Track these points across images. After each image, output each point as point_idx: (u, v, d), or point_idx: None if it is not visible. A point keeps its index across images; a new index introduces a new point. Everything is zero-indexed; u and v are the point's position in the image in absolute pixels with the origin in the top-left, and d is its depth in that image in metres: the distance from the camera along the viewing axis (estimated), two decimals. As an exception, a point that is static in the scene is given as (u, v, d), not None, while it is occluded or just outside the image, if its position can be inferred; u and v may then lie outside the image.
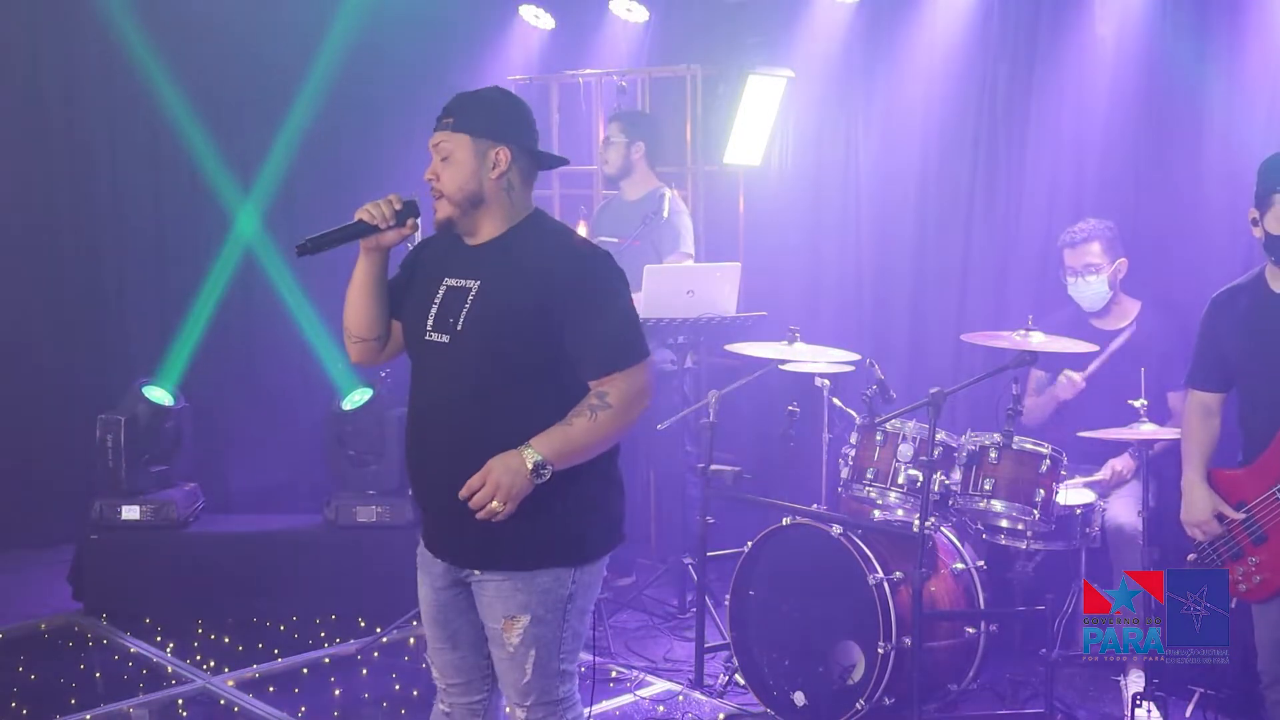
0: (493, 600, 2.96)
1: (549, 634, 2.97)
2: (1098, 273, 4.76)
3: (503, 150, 2.93)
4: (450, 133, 2.93)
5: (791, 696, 4.34)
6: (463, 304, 2.90)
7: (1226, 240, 4.81)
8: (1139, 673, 4.34)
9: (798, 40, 6.04)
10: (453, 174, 2.92)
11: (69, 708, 4.50)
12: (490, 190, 2.93)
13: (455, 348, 2.89)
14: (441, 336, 2.92)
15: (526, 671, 2.97)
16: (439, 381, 2.95)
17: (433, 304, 2.95)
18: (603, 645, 5.05)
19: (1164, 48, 4.93)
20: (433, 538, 3.06)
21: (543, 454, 2.79)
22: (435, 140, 2.96)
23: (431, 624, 3.11)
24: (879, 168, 5.87)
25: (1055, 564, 4.56)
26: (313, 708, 4.55)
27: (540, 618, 2.95)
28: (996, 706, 4.49)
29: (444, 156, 2.93)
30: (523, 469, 2.78)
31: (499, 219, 2.96)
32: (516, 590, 2.93)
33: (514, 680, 3.00)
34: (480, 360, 2.87)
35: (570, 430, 2.83)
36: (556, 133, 6.86)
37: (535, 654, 2.96)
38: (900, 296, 5.81)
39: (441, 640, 3.10)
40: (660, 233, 5.45)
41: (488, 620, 3.00)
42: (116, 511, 5.40)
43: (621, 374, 2.87)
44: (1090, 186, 5.14)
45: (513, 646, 2.96)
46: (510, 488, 2.78)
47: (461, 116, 2.95)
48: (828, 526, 4.35)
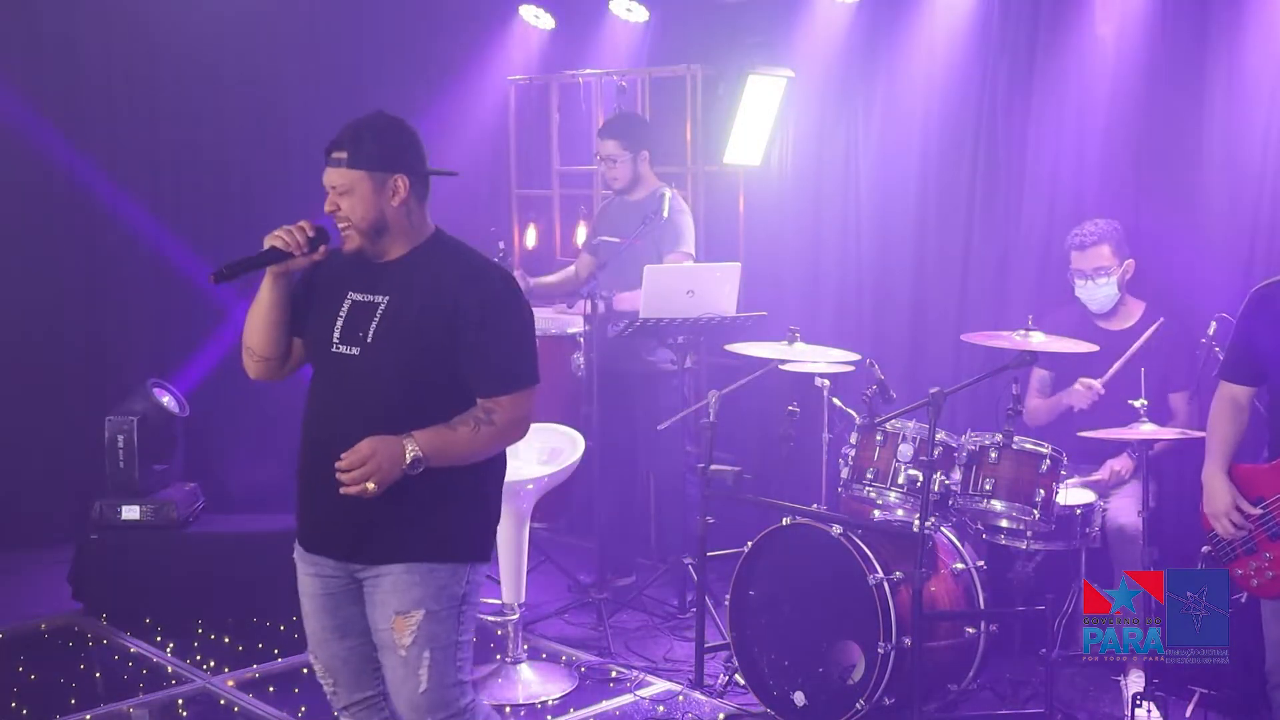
0: (387, 595, 2.98)
1: (444, 632, 2.98)
2: (1108, 275, 4.74)
3: (400, 178, 3.00)
4: (345, 169, 2.98)
5: (791, 696, 4.34)
6: (371, 318, 2.98)
7: (1227, 240, 4.80)
8: (1139, 673, 4.34)
9: (798, 40, 6.04)
10: (354, 206, 2.98)
11: (69, 708, 4.50)
12: (392, 216, 3.01)
13: (365, 360, 2.97)
14: (350, 349, 2.99)
15: (422, 680, 2.97)
16: (345, 391, 3.01)
17: (338, 317, 3.02)
18: (603, 645, 5.06)
19: (1164, 48, 4.93)
20: (325, 537, 3.06)
21: (422, 449, 2.88)
22: (330, 180, 2.99)
23: (320, 613, 3.09)
24: (879, 168, 5.87)
25: (1055, 564, 4.56)
26: (313, 708, 4.55)
27: (435, 613, 2.97)
28: (996, 706, 4.49)
29: (343, 190, 2.98)
30: (401, 458, 2.87)
31: (402, 241, 3.03)
32: (413, 584, 2.96)
33: (409, 693, 2.99)
34: (389, 371, 2.96)
35: (453, 434, 2.93)
36: (556, 133, 6.87)
37: (430, 656, 2.97)
38: (900, 296, 5.81)
39: (329, 630, 3.09)
40: (661, 232, 5.45)
41: (378, 624, 3.02)
42: (116, 511, 5.39)
43: (509, 397, 2.99)
44: (1091, 186, 5.14)
45: (404, 648, 2.97)
46: (388, 473, 2.86)
47: (355, 152, 2.98)
48: (828, 526, 4.35)
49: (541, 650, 5.04)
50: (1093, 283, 4.76)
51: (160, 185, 6.54)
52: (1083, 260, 4.76)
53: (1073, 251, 4.79)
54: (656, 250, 5.44)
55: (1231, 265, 4.80)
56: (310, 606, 3.13)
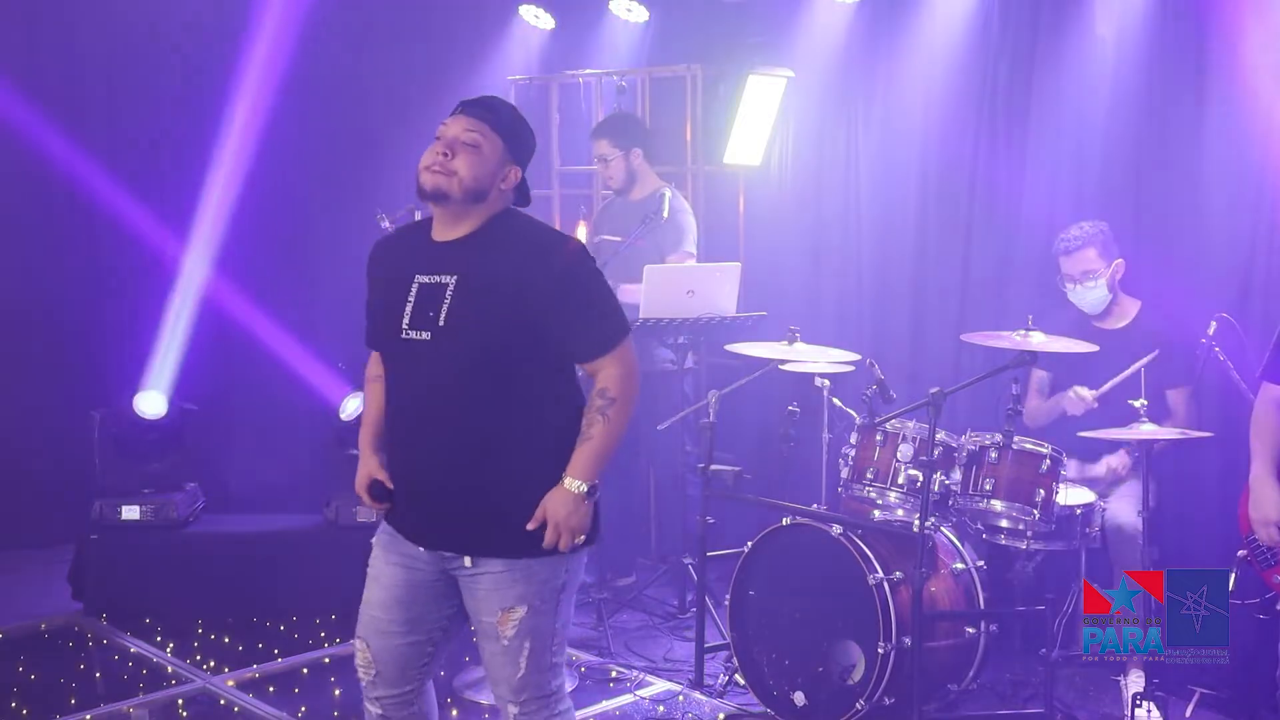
0: (488, 593, 2.97)
1: (544, 625, 2.99)
2: (1096, 278, 4.74)
3: (516, 170, 3.03)
4: (489, 128, 2.98)
5: (791, 696, 4.34)
6: (441, 299, 2.94)
7: (1227, 240, 4.80)
8: (1139, 673, 4.34)
9: (798, 40, 6.04)
10: (475, 163, 2.95)
11: (69, 708, 4.50)
12: (493, 195, 2.99)
13: (438, 343, 2.93)
14: (421, 334, 2.95)
15: (521, 666, 2.98)
16: (422, 376, 2.97)
17: (407, 302, 2.98)
18: (603, 645, 5.06)
19: (1164, 48, 4.93)
20: (420, 529, 3.04)
21: (584, 479, 2.94)
22: (467, 125, 2.97)
23: (394, 604, 3.04)
24: (879, 168, 5.87)
25: (1055, 564, 4.56)
26: (313, 708, 4.55)
27: (537, 609, 2.97)
28: (996, 706, 4.49)
29: (471, 144, 2.96)
30: (580, 501, 2.93)
31: (479, 219, 3.00)
32: (515, 581, 2.95)
33: (507, 676, 3.01)
34: (465, 353, 2.92)
35: (594, 443, 2.96)
36: (556, 133, 6.87)
37: (530, 646, 2.98)
38: (900, 296, 5.81)
39: (397, 623, 3.05)
40: (662, 232, 5.45)
41: (480, 614, 3.00)
42: (116, 511, 5.40)
43: (611, 355, 3.00)
44: (1090, 186, 5.14)
45: (507, 640, 2.97)
46: (578, 524, 2.93)
47: (500, 122, 3.00)
48: (828, 526, 4.35)
49: (541, 650, 5.03)
50: (1081, 287, 4.76)
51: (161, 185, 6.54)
52: (1070, 265, 4.76)
53: (1060, 257, 4.79)
54: (658, 250, 5.44)
55: (1231, 265, 4.80)
56: (385, 596, 3.05)
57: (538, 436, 2.98)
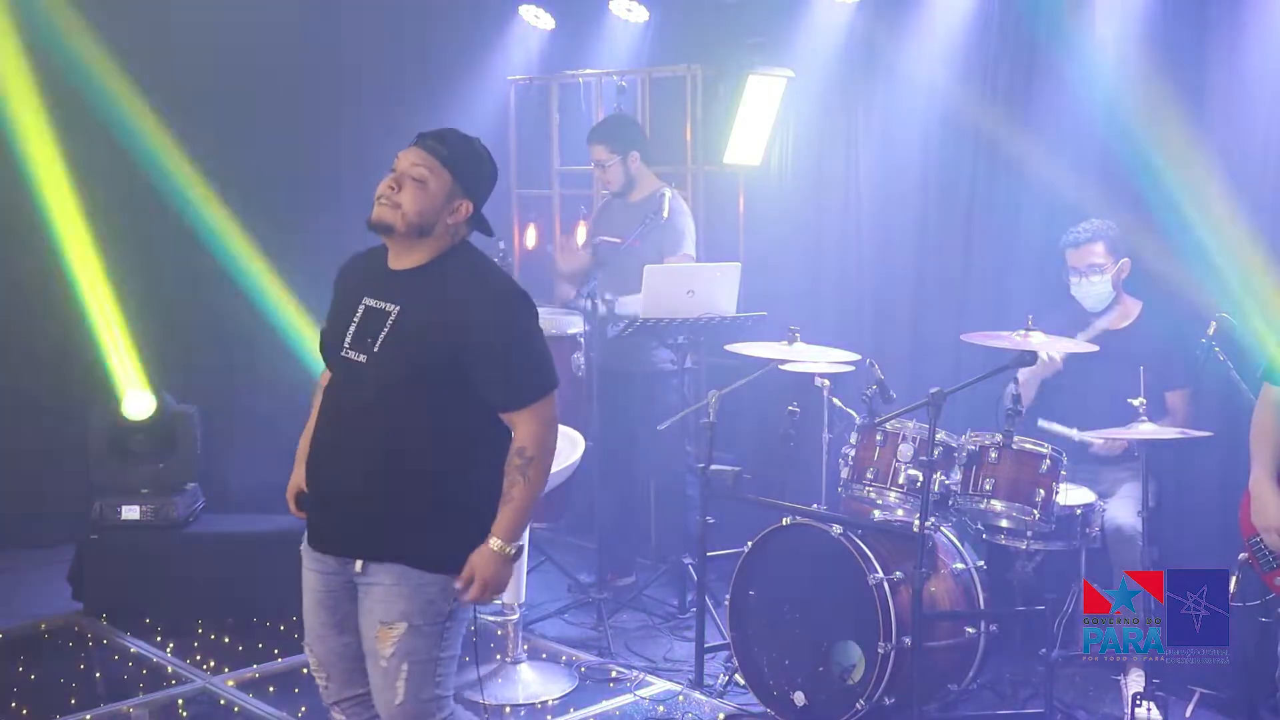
0: (373, 606, 3.02)
1: (424, 647, 3.01)
2: (1101, 273, 4.75)
3: (467, 204, 3.05)
4: (436, 162, 3.00)
5: (791, 696, 4.34)
6: (381, 326, 2.99)
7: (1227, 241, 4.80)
8: (1139, 673, 4.34)
9: (798, 40, 6.04)
10: (419, 198, 2.98)
11: (69, 708, 4.50)
12: (440, 229, 3.03)
13: (370, 368, 2.99)
14: (358, 355, 3.01)
15: (399, 691, 3.00)
16: (351, 396, 3.04)
17: (352, 322, 3.04)
18: (603, 645, 5.06)
19: (1164, 48, 4.92)
20: (323, 534, 3.10)
21: (508, 540, 3.00)
22: (416, 159, 3.01)
23: (318, 608, 3.13)
24: (879, 168, 5.87)
25: (1055, 564, 4.56)
26: (313, 708, 4.54)
27: (418, 628, 3.00)
28: (996, 706, 4.49)
29: (418, 178, 2.99)
30: (505, 561, 3.00)
31: (430, 251, 3.04)
32: (399, 596, 2.99)
33: (386, 703, 3.05)
34: (392, 381, 2.97)
35: (516, 504, 3.01)
36: (556, 133, 6.87)
37: (408, 670, 2.99)
38: (900, 296, 5.80)
39: (328, 625, 3.13)
40: (661, 233, 5.45)
41: (365, 629, 3.05)
42: (116, 511, 5.39)
43: (529, 410, 3.02)
44: (1090, 186, 5.13)
45: (385, 659, 3.00)
46: (500, 582, 3.01)
47: (454, 155, 3.02)
48: (828, 526, 4.35)
49: (541, 650, 5.04)
50: (1086, 280, 4.77)
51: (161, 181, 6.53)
52: (1077, 257, 4.78)
53: (1067, 249, 4.81)
54: (658, 252, 5.44)
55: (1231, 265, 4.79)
56: (310, 601, 3.16)
57: (452, 463, 3.02)
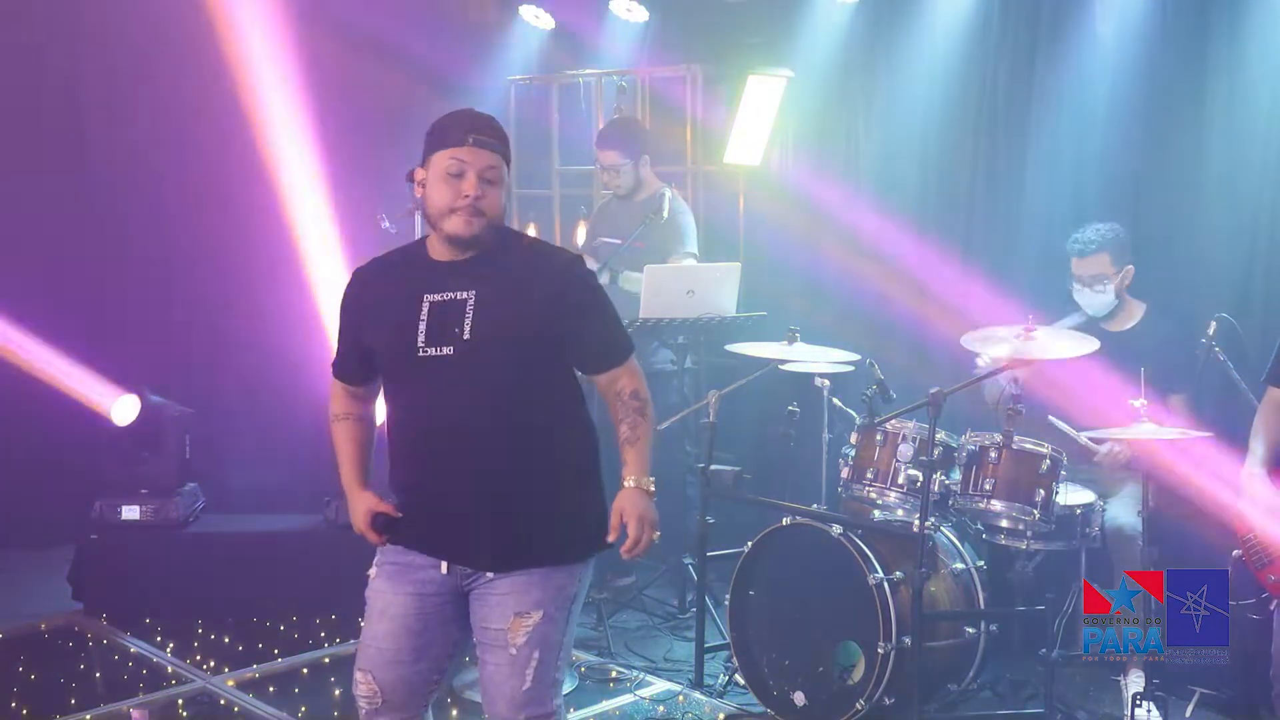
0: (503, 598, 2.95)
1: (554, 636, 2.98)
2: (1106, 283, 4.73)
3: (509, 180, 3.05)
4: (500, 160, 2.97)
5: (791, 696, 4.34)
6: (463, 314, 2.92)
7: (1227, 241, 4.80)
8: (1139, 673, 4.34)
9: (798, 40, 6.04)
10: (497, 197, 2.95)
11: (69, 708, 4.50)
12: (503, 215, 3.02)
13: (463, 357, 2.91)
14: (442, 349, 2.92)
15: (527, 678, 2.94)
16: (445, 392, 2.94)
17: (419, 321, 2.94)
18: (603, 645, 5.06)
19: (1164, 48, 4.93)
20: (448, 548, 3.00)
21: (646, 474, 2.98)
22: (490, 161, 2.94)
23: (403, 634, 3.00)
24: (879, 168, 5.87)
25: (1055, 564, 4.56)
26: (313, 708, 4.55)
27: (551, 616, 2.96)
28: (996, 706, 4.49)
29: (492, 180, 2.94)
30: (645, 498, 2.96)
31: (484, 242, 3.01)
32: (532, 586, 2.95)
33: (511, 690, 2.95)
34: (494, 364, 2.92)
35: (644, 442, 3.01)
36: (556, 133, 6.87)
37: (539, 656, 2.95)
38: (900, 296, 5.80)
39: (409, 651, 3.01)
40: (663, 233, 5.45)
41: (490, 622, 2.96)
42: (116, 511, 5.40)
43: (624, 366, 3.05)
44: (1091, 187, 5.14)
45: (516, 648, 2.94)
46: (652, 517, 2.95)
47: (503, 146, 2.99)
48: (828, 526, 4.35)
49: (541, 650, 5.03)
50: (1090, 290, 4.75)
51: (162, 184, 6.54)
52: (1082, 267, 4.75)
53: (1073, 258, 4.78)
54: (660, 252, 5.44)
55: (1231, 265, 4.80)
56: (393, 627, 3.00)
57: (562, 447, 3.00)
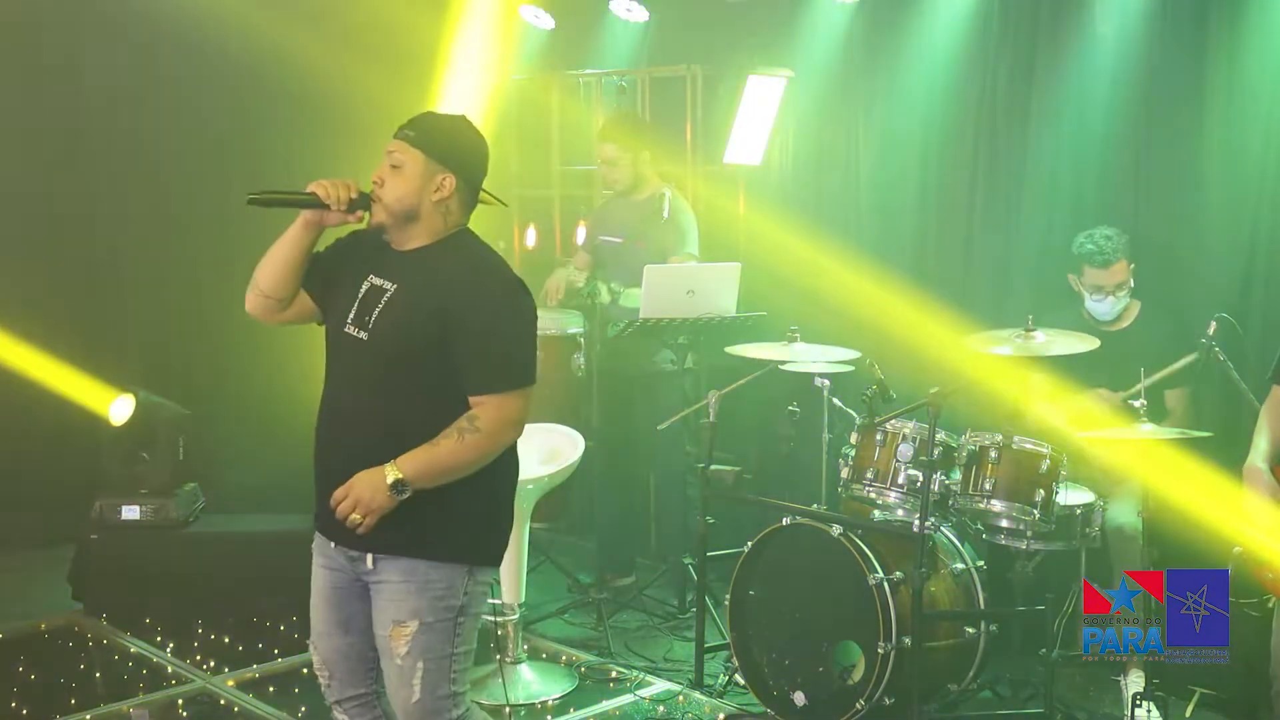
0: (385, 605, 3.01)
1: (438, 644, 3.00)
2: (1126, 288, 4.73)
3: (449, 177, 3.02)
4: (406, 145, 3.01)
5: (791, 696, 4.34)
6: (377, 304, 3.00)
7: (1226, 240, 4.80)
8: (1139, 673, 4.33)
9: (798, 40, 6.04)
10: (396, 184, 3.00)
11: (69, 708, 4.49)
12: (426, 209, 3.02)
13: (369, 345, 3.00)
14: (359, 332, 3.02)
15: (415, 690, 3.00)
16: (351, 373, 3.05)
17: (356, 299, 3.04)
18: (603, 645, 5.06)
19: (1164, 48, 4.93)
20: (330, 523, 3.06)
21: (404, 473, 2.91)
22: (390, 148, 3.03)
23: (325, 606, 3.12)
24: (879, 167, 5.87)
25: (1055, 564, 4.56)
26: (313, 708, 4.54)
27: (429, 625, 2.99)
28: (996, 706, 4.49)
29: (394, 165, 3.01)
30: (382, 485, 2.91)
31: (427, 234, 3.05)
32: (409, 594, 2.98)
33: (403, 700, 3.03)
34: (388, 359, 2.98)
35: (436, 451, 2.93)
36: (557, 133, 6.87)
37: (424, 667, 2.99)
38: (900, 296, 5.79)
39: (333, 623, 3.12)
40: (663, 233, 5.44)
41: (378, 628, 3.04)
42: (116, 511, 5.39)
43: (497, 398, 2.96)
44: (1091, 186, 5.14)
45: (400, 657, 2.99)
46: (370, 502, 2.91)
47: (423, 133, 3.02)
48: (828, 526, 4.35)
49: (541, 650, 5.04)
50: (1114, 297, 4.73)
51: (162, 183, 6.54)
52: (1105, 277, 4.71)
53: (1089, 267, 4.74)
54: (660, 252, 5.43)
55: (1231, 265, 4.79)
56: (317, 599, 3.16)
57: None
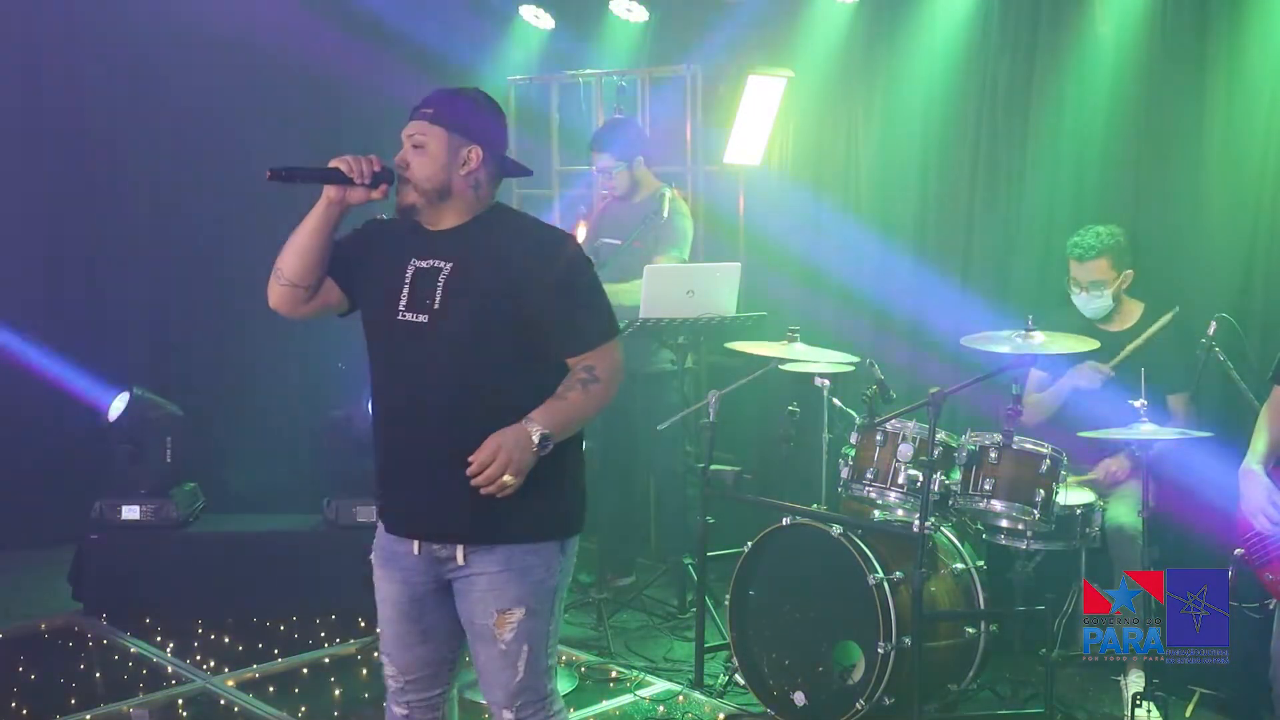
0: (484, 594, 2.96)
1: (540, 627, 2.99)
2: (1103, 288, 4.72)
3: (475, 149, 2.98)
4: (427, 124, 2.97)
5: (791, 696, 4.34)
6: (435, 284, 2.93)
7: (1227, 241, 4.80)
8: (1139, 673, 4.33)
9: (798, 40, 6.04)
10: (424, 164, 2.95)
11: (69, 708, 4.50)
12: (458, 184, 2.97)
13: (432, 327, 2.93)
14: (418, 316, 2.94)
15: (519, 670, 2.98)
16: (414, 360, 2.96)
17: (403, 284, 2.97)
18: (603, 645, 5.06)
19: (1164, 48, 4.92)
20: (413, 520, 3.01)
21: (546, 427, 2.86)
22: (410, 130, 2.99)
23: (402, 619, 3.05)
24: (879, 168, 5.87)
25: (1055, 564, 4.56)
26: (313, 708, 4.55)
27: (534, 610, 2.97)
28: (996, 706, 4.49)
29: (417, 145, 2.97)
30: (529, 442, 2.84)
31: (462, 211, 3.00)
32: (510, 582, 2.94)
33: (504, 681, 2.99)
34: (460, 336, 2.91)
35: (567, 403, 2.90)
36: (556, 133, 6.87)
37: (529, 649, 2.97)
38: (900, 296, 5.80)
39: (414, 635, 3.06)
40: (657, 233, 5.44)
41: (475, 617, 2.98)
42: (116, 511, 5.40)
43: (599, 350, 2.95)
44: (1091, 187, 5.14)
45: (505, 643, 2.96)
46: (520, 461, 2.83)
47: (441, 110, 2.98)
48: (828, 526, 4.35)
49: (541, 650, 5.03)
50: (1087, 294, 4.75)
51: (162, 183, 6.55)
52: (1081, 271, 4.73)
53: (1070, 260, 4.76)
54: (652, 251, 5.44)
55: (1231, 265, 4.79)
56: (392, 613, 3.06)
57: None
